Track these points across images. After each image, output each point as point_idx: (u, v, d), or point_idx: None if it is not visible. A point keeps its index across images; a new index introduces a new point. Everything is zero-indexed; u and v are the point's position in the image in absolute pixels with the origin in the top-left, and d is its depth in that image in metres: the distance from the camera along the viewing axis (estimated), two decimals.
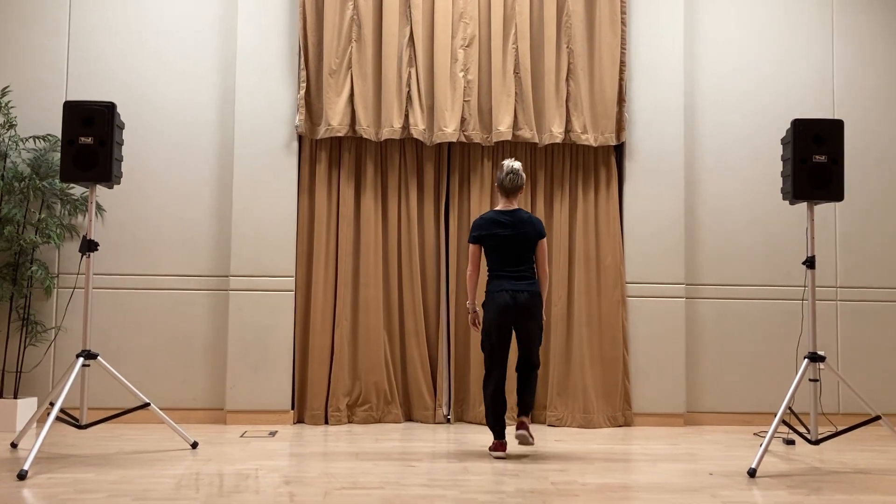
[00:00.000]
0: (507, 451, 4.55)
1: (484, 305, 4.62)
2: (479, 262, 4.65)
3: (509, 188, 4.61)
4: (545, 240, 4.64)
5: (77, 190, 5.64)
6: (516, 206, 4.64)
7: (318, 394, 5.61)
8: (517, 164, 4.62)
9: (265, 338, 5.58)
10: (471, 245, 4.64)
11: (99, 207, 5.66)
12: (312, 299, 5.66)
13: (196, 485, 3.75)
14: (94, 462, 4.24)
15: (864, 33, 6.19)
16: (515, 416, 4.63)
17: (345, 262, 5.70)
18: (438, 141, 5.69)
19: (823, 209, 6.03)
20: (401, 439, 5.05)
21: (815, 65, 6.14)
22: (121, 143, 4.58)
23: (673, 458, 4.57)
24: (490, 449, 4.56)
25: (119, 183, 4.61)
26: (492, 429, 4.55)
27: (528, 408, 4.62)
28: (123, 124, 4.64)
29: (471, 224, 5.72)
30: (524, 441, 4.54)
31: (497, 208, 4.67)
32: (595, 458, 4.53)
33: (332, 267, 5.72)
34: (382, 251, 5.79)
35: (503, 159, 5.86)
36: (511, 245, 4.55)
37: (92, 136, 4.37)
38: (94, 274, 5.61)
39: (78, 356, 4.41)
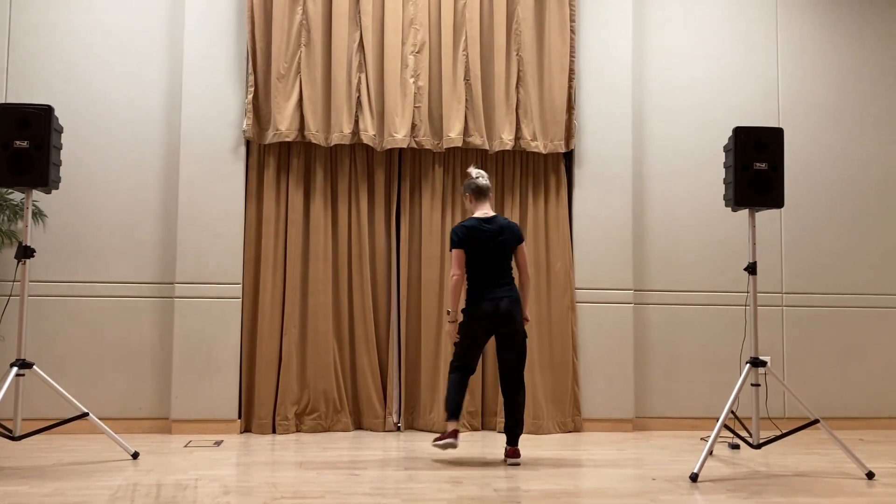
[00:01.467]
0: (459, 441, 4.57)
1: (464, 311, 4.62)
2: (464, 267, 4.62)
3: (484, 188, 4.67)
4: (524, 244, 4.69)
5: (17, 195, 5.50)
6: (493, 213, 4.68)
7: (265, 402, 5.53)
8: (477, 169, 4.75)
9: (211, 346, 5.49)
10: (455, 251, 4.61)
11: (40, 213, 5.53)
12: (260, 306, 5.59)
13: (132, 496, 3.67)
14: (29, 474, 4.12)
15: (807, 46, 6.31)
16: (505, 444, 4.62)
17: (293, 269, 5.64)
18: (389, 147, 5.67)
19: (769, 216, 6.13)
20: (349, 448, 5.01)
21: (761, 75, 6.25)
22: (59, 148, 4.48)
23: (619, 464, 4.59)
24: (438, 439, 4.50)
25: (57, 188, 4.51)
26: (447, 409, 4.52)
27: (517, 436, 4.60)
28: (62, 128, 4.55)
29: (421, 231, 5.73)
30: (514, 465, 4.54)
31: (475, 216, 4.66)
32: (542, 465, 4.53)
33: (280, 273, 5.66)
34: (332, 257, 5.74)
35: (454, 166, 5.86)
36: (492, 252, 4.57)
37: (27, 140, 4.26)
38: (36, 281, 5.48)
39: (12, 365, 4.29)
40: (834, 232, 6.23)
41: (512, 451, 4.57)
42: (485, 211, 4.67)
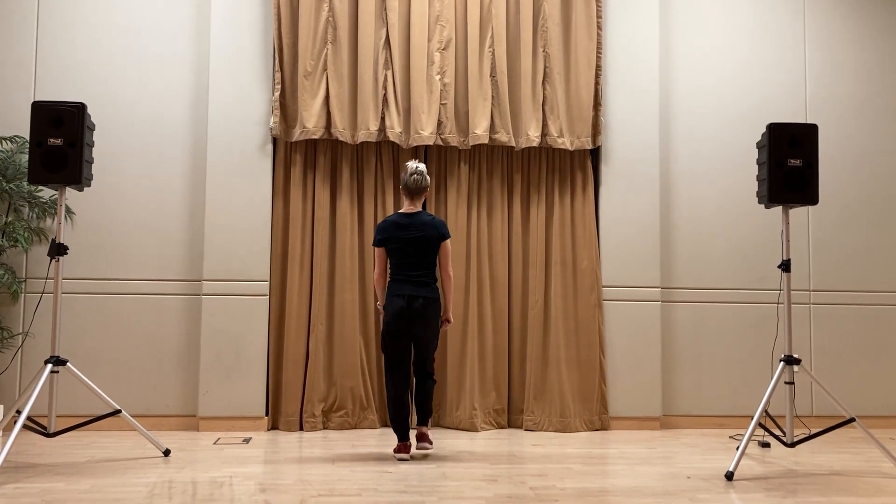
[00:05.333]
0: (412, 452, 4.67)
1: (384, 307, 4.65)
2: (385, 265, 4.67)
3: (413, 189, 4.64)
4: (448, 241, 4.67)
5: (46, 192, 5.53)
6: (419, 209, 4.67)
7: (292, 399, 5.54)
8: (422, 166, 4.66)
9: (239, 343, 5.49)
10: (375, 248, 4.67)
11: (68, 210, 5.54)
12: (287, 304, 5.59)
13: (169, 493, 3.67)
14: (64, 471, 4.14)
15: (834, 40, 6.27)
16: (415, 424, 4.70)
17: (320, 266, 5.64)
18: (415, 144, 5.66)
19: (796, 213, 6.09)
20: (377, 445, 5.00)
21: (788, 71, 6.20)
22: (91, 145, 4.49)
23: (650, 462, 4.57)
24: (394, 451, 4.60)
25: (89, 185, 4.51)
26: (395, 431, 4.62)
27: (426, 416, 4.66)
28: (94, 125, 4.55)
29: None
30: (424, 449, 4.63)
31: (400, 210, 4.70)
32: (573, 462, 4.51)
33: (307, 271, 5.66)
34: (358, 255, 5.73)
35: (480, 163, 5.85)
36: (412, 248, 4.58)
37: (61, 138, 4.27)
38: (64, 278, 5.49)
39: (46, 362, 4.30)
40: (862, 229, 6.18)
41: (420, 435, 4.60)
42: (411, 207, 4.66)
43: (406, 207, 4.68)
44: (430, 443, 4.63)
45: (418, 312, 4.52)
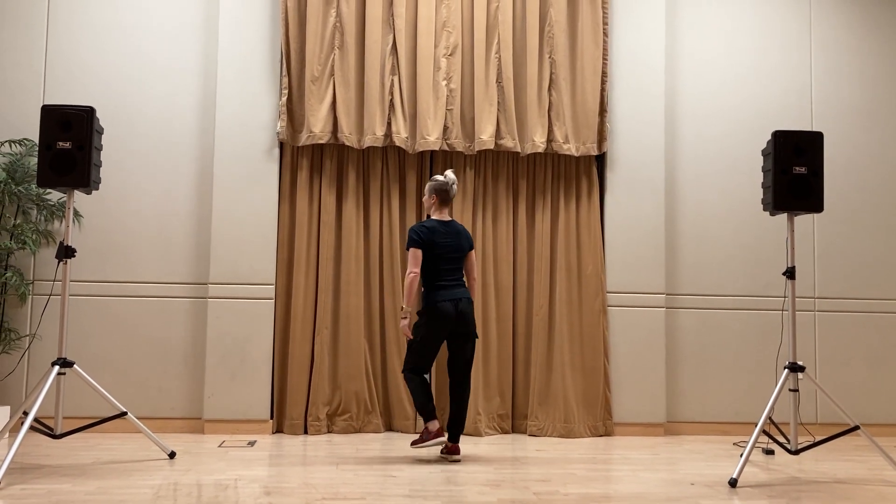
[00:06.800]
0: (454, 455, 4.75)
1: (425, 313, 4.68)
2: (420, 267, 4.72)
3: (449, 199, 4.83)
4: (474, 251, 4.88)
5: (54, 195, 5.56)
6: (450, 218, 4.86)
7: (297, 403, 5.56)
8: (454, 175, 4.86)
9: (244, 346, 5.52)
10: (414, 250, 4.70)
11: (76, 213, 5.58)
12: (292, 307, 5.61)
13: (174, 495, 3.69)
14: (70, 472, 4.16)
15: (841, 47, 6.27)
16: (447, 441, 4.70)
17: (325, 270, 5.66)
18: (421, 149, 5.68)
19: (802, 221, 6.10)
20: (381, 449, 5.01)
21: (794, 77, 6.21)
22: (99, 149, 4.52)
23: (654, 468, 4.57)
24: (419, 442, 4.63)
25: (97, 188, 4.54)
26: (423, 411, 4.62)
27: (460, 431, 4.74)
28: (102, 129, 4.59)
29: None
30: (455, 461, 4.67)
31: (435, 218, 4.82)
32: (577, 468, 4.52)
33: (312, 275, 5.68)
34: (364, 259, 5.76)
35: (485, 168, 5.87)
36: (449, 254, 4.74)
37: (70, 141, 4.30)
38: (71, 280, 5.52)
39: (53, 364, 4.33)
40: (867, 236, 6.18)
41: (453, 448, 4.70)
42: (443, 215, 4.81)
43: (438, 215, 4.82)
44: (459, 457, 4.74)
45: (463, 313, 4.68)
